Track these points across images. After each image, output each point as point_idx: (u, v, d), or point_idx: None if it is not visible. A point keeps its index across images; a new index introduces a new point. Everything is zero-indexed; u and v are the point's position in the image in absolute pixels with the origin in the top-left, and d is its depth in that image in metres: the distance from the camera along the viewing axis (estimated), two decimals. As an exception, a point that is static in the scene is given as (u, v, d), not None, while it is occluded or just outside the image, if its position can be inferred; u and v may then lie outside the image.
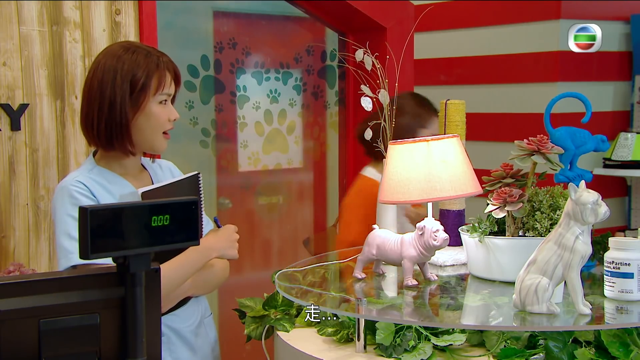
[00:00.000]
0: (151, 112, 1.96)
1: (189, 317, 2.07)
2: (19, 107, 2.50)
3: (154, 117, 1.97)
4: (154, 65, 1.95)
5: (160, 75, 1.96)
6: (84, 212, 1.25)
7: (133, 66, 1.94)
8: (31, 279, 1.34)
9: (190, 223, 1.38)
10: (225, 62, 3.56)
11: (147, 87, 1.94)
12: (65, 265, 1.87)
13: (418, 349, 1.68)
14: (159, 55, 1.98)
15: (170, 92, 2.00)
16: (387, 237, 2.05)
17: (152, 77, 1.95)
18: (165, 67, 1.97)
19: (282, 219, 3.79)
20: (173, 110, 2.01)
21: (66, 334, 1.30)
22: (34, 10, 2.52)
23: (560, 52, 3.79)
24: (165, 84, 1.97)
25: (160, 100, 1.97)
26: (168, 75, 1.98)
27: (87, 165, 2.01)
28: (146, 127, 1.97)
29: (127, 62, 1.94)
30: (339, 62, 3.65)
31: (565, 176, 2.12)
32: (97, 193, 1.94)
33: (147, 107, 1.96)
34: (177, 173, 2.18)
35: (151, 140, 1.99)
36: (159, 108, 1.97)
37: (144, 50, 1.98)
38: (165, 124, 1.99)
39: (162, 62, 1.97)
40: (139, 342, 1.32)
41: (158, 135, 1.99)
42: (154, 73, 1.95)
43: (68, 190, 1.91)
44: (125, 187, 1.98)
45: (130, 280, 1.31)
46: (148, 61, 1.95)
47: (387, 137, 2.47)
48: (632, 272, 1.78)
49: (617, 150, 3.90)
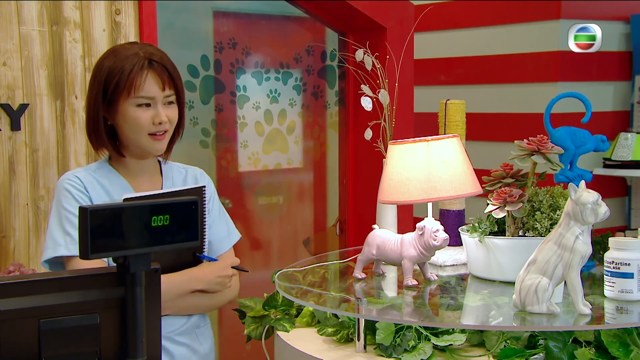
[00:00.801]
0: (127, 114, 1.92)
1: (167, 326, 1.96)
2: (19, 107, 2.50)
3: (131, 119, 1.92)
4: (131, 67, 1.90)
5: (135, 78, 1.90)
6: (84, 212, 1.25)
7: (112, 68, 1.91)
8: (31, 279, 1.34)
9: (190, 223, 1.38)
10: (225, 62, 3.55)
11: (120, 89, 1.91)
12: (50, 256, 1.89)
13: (418, 349, 1.69)
14: (147, 57, 1.92)
15: (152, 94, 1.92)
16: (387, 237, 2.05)
17: (125, 79, 1.90)
18: (147, 69, 1.91)
19: (282, 219, 3.79)
20: (160, 112, 1.93)
21: (66, 334, 1.30)
22: (34, 10, 2.52)
23: (560, 52, 3.79)
24: (143, 87, 1.91)
25: (137, 103, 1.92)
26: (151, 78, 1.91)
27: (97, 164, 2.03)
28: (125, 130, 1.95)
29: (108, 64, 1.93)
30: (339, 62, 3.65)
31: (565, 176, 2.12)
32: (92, 191, 1.94)
33: (121, 109, 1.93)
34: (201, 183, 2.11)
35: (136, 142, 1.96)
36: (136, 111, 1.92)
37: (132, 52, 1.93)
38: (146, 126, 1.93)
39: (145, 65, 1.90)
40: (139, 342, 1.32)
41: (141, 137, 1.94)
42: (129, 75, 1.89)
43: (63, 183, 1.94)
44: (125, 190, 1.97)
45: (130, 280, 1.31)
46: (127, 63, 1.90)
47: (387, 137, 2.47)
48: (632, 272, 1.78)
49: (617, 150, 3.90)
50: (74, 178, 1.94)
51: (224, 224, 2.13)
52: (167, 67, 1.95)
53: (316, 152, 3.85)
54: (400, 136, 2.37)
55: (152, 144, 1.96)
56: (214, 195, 2.13)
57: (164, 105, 1.96)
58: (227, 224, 2.15)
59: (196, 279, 1.96)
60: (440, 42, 4.37)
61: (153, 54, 1.94)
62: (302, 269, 2.21)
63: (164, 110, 1.95)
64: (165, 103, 1.96)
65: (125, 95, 1.91)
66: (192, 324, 2.05)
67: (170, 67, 1.97)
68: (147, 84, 1.91)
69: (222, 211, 2.15)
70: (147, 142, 1.95)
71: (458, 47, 4.31)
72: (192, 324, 2.05)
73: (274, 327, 1.96)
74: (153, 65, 1.92)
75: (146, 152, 1.99)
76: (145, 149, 1.97)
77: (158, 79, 1.93)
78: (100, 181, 1.97)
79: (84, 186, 1.94)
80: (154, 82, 1.92)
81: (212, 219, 2.09)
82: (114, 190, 1.97)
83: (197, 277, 1.96)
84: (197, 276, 1.96)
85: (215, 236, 2.09)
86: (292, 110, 3.76)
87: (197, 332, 2.07)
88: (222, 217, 2.14)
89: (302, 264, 2.26)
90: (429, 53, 4.32)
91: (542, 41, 3.89)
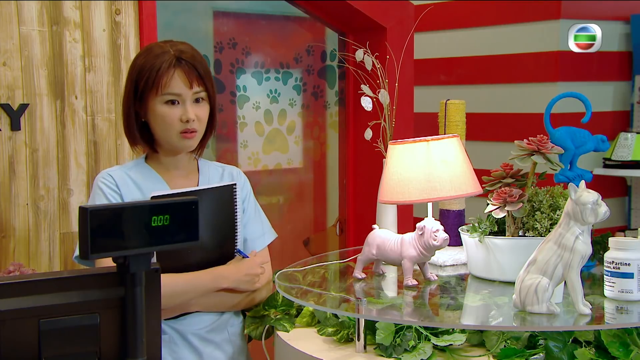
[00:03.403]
0: (156, 111, 1.96)
1: (197, 323, 2.00)
2: (19, 107, 2.50)
3: (160, 117, 1.96)
4: (160, 65, 1.93)
5: (163, 75, 1.93)
6: (84, 212, 1.25)
7: (143, 66, 1.95)
8: (31, 279, 1.34)
9: (190, 223, 1.38)
10: (225, 62, 3.56)
11: (149, 86, 1.94)
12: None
13: (418, 349, 1.68)
14: (176, 55, 1.94)
15: (179, 92, 1.94)
16: (387, 237, 2.05)
17: (154, 77, 1.93)
18: (174, 67, 1.93)
19: (282, 219, 3.79)
20: (188, 110, 1.95)
21: (66, 334, 1.30)
22: (34, 10, 2.52)
23: (560, 52, 3.79)
24: (170, 84, 1.94)
25: (165, 100, 1.95)
26: (178, 75, 1.94)
27: (133, 162, 2.06)
28: (156, 127, 1.98)
29: (140, 62, 1.97)
30: (339, 62, 3.64)
31: (565, 176, 2.12)
32: (124, 188, 1.97)
33: (151, 106, 1.96)
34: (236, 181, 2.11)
35: (167, 139, 1.99)
36: (164, 108, 1.95)
37: (164, 50, 1.96)
38: (175, 124, 1.96)
39: (173, 62, 1.93)
40: (139, 342, 1.32)
41: (171, 135, 1.97)
42: (157, 72, 1.93)
43: (97, 181, 1.99)
44: (159, 185, 2.00)
45: (130, 280, 1.31)
46: (157, 61, 1.94)
47: (387, 137, 2.47)
48: (632, 272, 1.78)
49: (617, 150, 3.90)
50: (107, 176, 1.98)
51: (259, 223, 2.15)
52: (196, 65, 1.96)
53: (316, 152, 3.85)
54: (400, 136, 2.37)
55: (182, 142, 1.99)
56: (250, 195, 2.15)
57: (193, 103, 1.97)
58: (262, 223, 2.16)
59: (222, 277, 1.97)
60: (440, 42, 4.37)
61: (183, 51, 1.96)
62: (302, 269, 2.21)
63: (192, 108, 1.97)
64: (194, 101, 1.97)
65: (154, 93, 1.94)
66: (223, 321, 2.04)
67: (200, 65, 1.98)
68: (174, 81, 1.94)
69: (258, 210, 2.17)
70: (177, 140, 1.98)
71: (458, 47, 4.31)
72: (223, 321, 2.04)
73: (274, 327, 1.96)
74: (181, 63, 1.95)
75: (177, 149, 2.02)
76: (175, 146, 2.00)
77: (185, 77, 1.94)
78: (134, 178, 2.00)
79: (115, 184, 1.97)
80: (181, 80, 1.95)
81: (247, 218, 2.11)
82: (147, 187, 1.99)
83: (223, 276, 1.97)
84: (223, 274, 1.97)
85: (250, 235, 2.12)
86: (292, 110, 3.76)
87: (229, 330, 2.06)
88: (257, 216, 2.16)
89: (302, 264, 2.26)
90: (429, 53, 4.32)
91: (542, 41, 3.89)
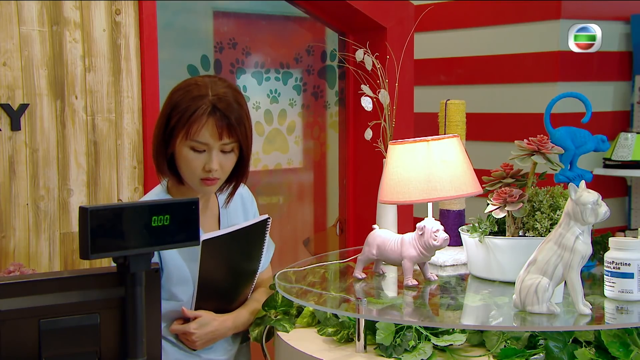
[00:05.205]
0: (181, 153, 1.92)
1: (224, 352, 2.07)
2: (19, 107, 2.50)
3: (184, 160, 1.92)
4: (193, 110, 1.88)
5: (195, 122, 1.87)
6: (84, 212, 1.25)
7: (178, 104, 1.91)
8: (31, 279, 1.34)
9: (190, 223, 1.38)
10: (225, 62, 3.55)
11: (179, 127, 1.90)
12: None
13: (418, 349, 1.68)
14: (213, 103, 1.88)
15: (207, 141, 1.89)
16: (387, 237, 2.05)
17: (185, 121, 1.88)
18: (207, 116, 1.88)
19: (282, 219, 3.79)
20: (212, 160, 1.90)
21: (66, 334, 1.30)
22: (34, 10, 2.52)
23: (560, 52, 3.79)
24: (199, 133, 1.88)
25: (192, 146, 1.90)
26: (209, 125, 1.88)
27: (155, 191, 2.05)
28: (180, 165, 1.95)
29: (177, 98, 1.92)
30: (339, 62, 3.64)
31: (565, 176, 2.12)
32: None
33: (178, 146, 1.92)
34: (249, 206, 2.13)
35: (188, 180, 1.96)
36: (190, 153, 1.91)
37: (202, 92, 1.90)
38: (197, 171, 1.92)
39: (208, 111, 1.88)
40: (139, 342, 1.32)
41: (192, 179, 1.94)
42: (189, 118, 1.88)
43: None
44: None
45: (130, 280, 1.31)
46: (191, 104, 1.88)
47: (387, 137, 2.47)
48: (632, 272, 1.78)
49: (617, 150, 3.90)
50: None
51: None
52: (231, 116, 1.90)
53: (316, 152, 3.85)
54: (400, 136, 2.37)
55: (201, 188, 1.96)
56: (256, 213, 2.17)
57: (221, 152, 1.93)
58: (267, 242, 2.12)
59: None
60: (440, 42, 4.37)
61: (221, 99, 1.90)
62: (302, 269, 2.21)
63: (218, 158, 1.91)
64: (222, 150, 1.93)
65: (184, 136, 1.90)
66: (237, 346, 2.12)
67: (236, 114, 1.92)
68: (203, 130, 1.88)
69: None
70: (197, 184, 1.95)
71: (458, 47, 4.31)
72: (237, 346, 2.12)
73: (274, 328, 1.96)
74: (216, 114, 1.88)
75: (198, 192, 1.99)
76: (198, 190, 1.98)
77: (216, 128, 1.89)
78: None
79: None
80: (212, 130, 1.89)
81: None
82: None
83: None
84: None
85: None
86: (292, 110, 3.76)
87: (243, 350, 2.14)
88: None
89: (302, 264, 2.26)
90: (429, 53, 4.32)
91: (542, 41, 3.89)
